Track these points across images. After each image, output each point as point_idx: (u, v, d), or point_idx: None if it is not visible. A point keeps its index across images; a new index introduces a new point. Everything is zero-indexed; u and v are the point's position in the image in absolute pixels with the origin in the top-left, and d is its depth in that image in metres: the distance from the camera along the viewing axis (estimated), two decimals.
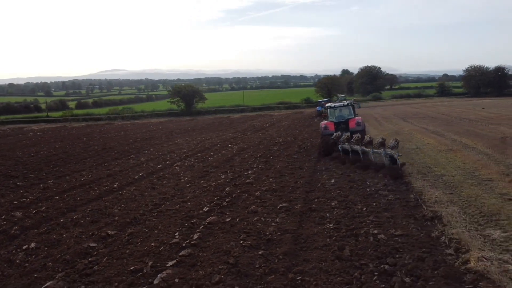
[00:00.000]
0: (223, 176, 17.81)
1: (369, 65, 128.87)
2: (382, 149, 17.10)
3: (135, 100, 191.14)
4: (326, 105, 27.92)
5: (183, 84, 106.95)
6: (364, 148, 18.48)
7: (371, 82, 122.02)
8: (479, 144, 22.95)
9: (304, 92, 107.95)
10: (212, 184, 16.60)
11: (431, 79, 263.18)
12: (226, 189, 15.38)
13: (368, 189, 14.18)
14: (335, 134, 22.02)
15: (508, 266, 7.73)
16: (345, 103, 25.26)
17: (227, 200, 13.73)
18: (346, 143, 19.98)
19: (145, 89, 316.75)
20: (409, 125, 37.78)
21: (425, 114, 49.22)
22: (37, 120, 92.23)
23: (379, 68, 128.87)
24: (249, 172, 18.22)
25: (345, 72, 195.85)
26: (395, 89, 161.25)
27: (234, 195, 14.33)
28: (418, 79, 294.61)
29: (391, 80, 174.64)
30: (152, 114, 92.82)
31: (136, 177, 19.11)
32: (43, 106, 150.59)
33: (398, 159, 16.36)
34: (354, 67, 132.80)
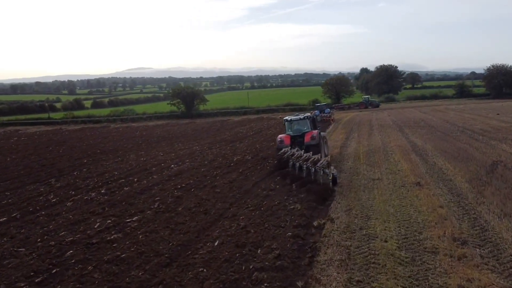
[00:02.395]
0: (97, 225, 13.63)
1: (386, 64, 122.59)
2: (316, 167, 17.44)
3: (151, 99, 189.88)
4: (284, 118, 25.36)
5: (182, 85, 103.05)
6: (310, 166, 18.34)
7: (386, 82, 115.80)
8: (460, 173, 18.22)
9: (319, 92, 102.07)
10: (67, 239, 12.46)
11: (458, 77, 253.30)
12: (67, 253, 11.21)
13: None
14: (284, 149, 21.73)
15: None
16: (302, 117, 24.33)
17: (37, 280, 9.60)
18: (296, 160, 19.68)
19: (166, 87, 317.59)
20: (400, 138, 32.89)
21: (428, 123, 43.96)
22: (37, 122, 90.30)
23: (396, 67, 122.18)
24: (135, 219, 14.00)
25: (364, 71, 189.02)
26: (417, 87, 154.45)
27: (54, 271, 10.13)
28: (444, 76, 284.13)
29: (413, 79, 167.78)
30: (153, 116, 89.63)
31: None
32: (58, 105, 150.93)
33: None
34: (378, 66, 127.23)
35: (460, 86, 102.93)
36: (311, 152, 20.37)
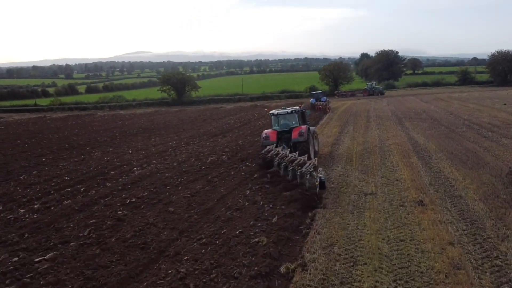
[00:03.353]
0: None
1: (386, 49, 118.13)
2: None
3: (147, 84, 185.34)
4: (270, 112, 22.60)
5: (172, 71, 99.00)
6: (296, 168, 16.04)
7: (387, 68, 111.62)
8: (471, 187, 14.89)
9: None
10: None
11: (460, 62, 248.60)
12: None
13: None
14: (268, 147, 19.52)
15: None
16: (289, 110, 21.63)
17: None
18: (281, 160, 17.58)
19: (164, 72, 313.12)
20: (400, 133, 29.47)
21: (430, 114, 40.43)
22: (23, 109, 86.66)
23: (397, 52, 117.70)
24: (48, 257, 10.62)
25: (364, 56, 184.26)
26: (418, 73, 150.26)
27: None
28: (446, 62, 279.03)
29: (414, 65, 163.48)
30: (142, 103, 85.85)
31: None
32: (51, 90, 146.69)
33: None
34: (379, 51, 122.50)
35: (462, 73, 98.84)
36: (297, 153, 17.97)
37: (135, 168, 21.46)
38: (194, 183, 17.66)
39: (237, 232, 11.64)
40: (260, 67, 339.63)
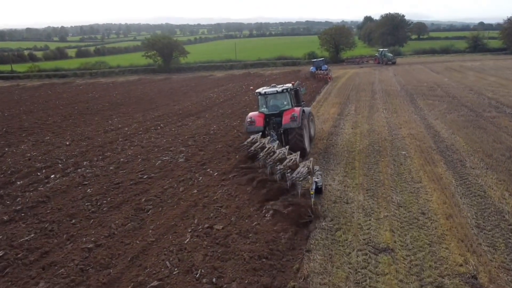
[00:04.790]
0: None
1: (392, 12, 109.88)
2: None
3: (141, 48, 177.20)
4: (256, 91, 17.95)
5: (158, 35, 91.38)
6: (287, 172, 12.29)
7: (392, 33, 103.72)
8: None
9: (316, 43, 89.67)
10: None
11: (465, 27, 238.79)
12: None
13: None
14: (252, 138, 15.69)
15: None
16: (280, 89, 17.57)
17: None
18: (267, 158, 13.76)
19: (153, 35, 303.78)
20: (414, 118, 23.51)
21: (446, 90, 34.19)
22: None
23: (403, 16, 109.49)
24: None
25: (367, 19, 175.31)
26: (423, 38, 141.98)
27: None
28: (451, 27, 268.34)
29: (420, 29, 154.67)
30: (126, 70, 78.90)
31: None
32: (39, 54, 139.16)
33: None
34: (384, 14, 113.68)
35: (473, 39, 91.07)
36: (286, 148, 14.30)
37: (53, 176, 15.54)
38: (116, 211, 11.80)
39: None
40: (260, 30, 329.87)
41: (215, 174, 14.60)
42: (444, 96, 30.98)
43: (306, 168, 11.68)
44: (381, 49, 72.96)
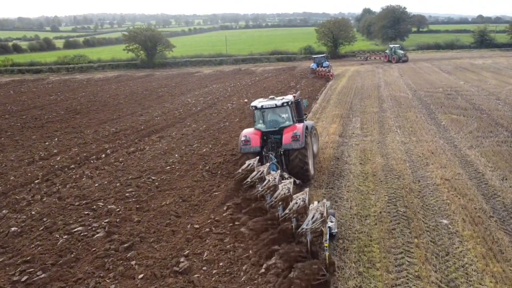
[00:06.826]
0: None
1: (393, 4, 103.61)
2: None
3: (122, 40, 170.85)
4: (251, 105, 15.29)
5: (142, 27, 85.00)
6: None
7: (393, 26, 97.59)
8: None
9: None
10: None
11: (463, 20, 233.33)
12: None
13: None
14: (249, 164, 12.93)
15: None
16: (279, 102, 14.81)
17: None
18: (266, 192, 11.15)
19: (156, 25, 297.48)
20: (441, 146, 17.90)
21: (468, 99, 28.46)
22: None
23: (404, 8, 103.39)
24: None
25: (366, 11, 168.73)
26: (423, 32, 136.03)
27: None
28: (449, 20, 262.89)
29: (419, 22, 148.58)
30: (106, 65, 72.46)
31: None
32: (24, 45, 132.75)
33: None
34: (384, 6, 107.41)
35: (480, 33, 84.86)
36: (291, 181, 11.26)
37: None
38: None
39: None
40: (256, 21, 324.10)
41: (152, 263, 8.85)
42: (468, 108, 25.28)
43: (319, 214, 8.76)
44: (392, 45, 65.00)
